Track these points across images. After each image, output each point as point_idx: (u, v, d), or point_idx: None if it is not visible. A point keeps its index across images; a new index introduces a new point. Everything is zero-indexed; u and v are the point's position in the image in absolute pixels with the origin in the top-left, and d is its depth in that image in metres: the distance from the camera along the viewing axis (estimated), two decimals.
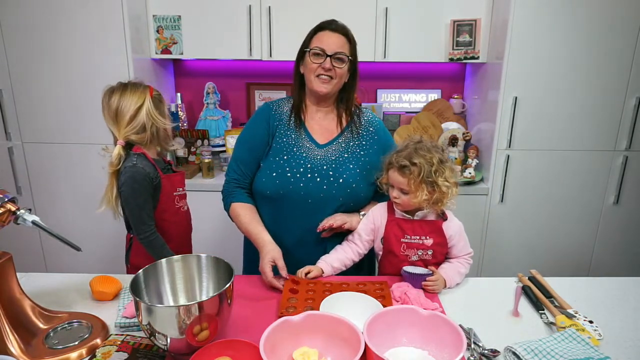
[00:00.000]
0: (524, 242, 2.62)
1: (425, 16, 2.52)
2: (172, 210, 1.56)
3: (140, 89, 1.51)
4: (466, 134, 2.71)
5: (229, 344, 1.03)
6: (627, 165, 2.50)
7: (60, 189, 2.57)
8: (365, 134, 1.57)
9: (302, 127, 1.54)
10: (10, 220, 1.11)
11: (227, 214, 1.58)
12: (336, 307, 1.18)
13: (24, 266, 1.38)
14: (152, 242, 1.49)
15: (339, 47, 1.44)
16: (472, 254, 1.48)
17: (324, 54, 1.43)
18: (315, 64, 1.44)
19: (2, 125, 2.47)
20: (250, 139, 1.57)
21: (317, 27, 1.48)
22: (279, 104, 1.60)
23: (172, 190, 1.56)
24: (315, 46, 1.44)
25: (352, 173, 1.50)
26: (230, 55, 2.60)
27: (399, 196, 1.41)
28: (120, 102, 1.49)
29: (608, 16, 2.29)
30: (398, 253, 1.44)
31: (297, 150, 1.51)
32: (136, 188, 1.46)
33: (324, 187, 1.48)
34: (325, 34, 1.46)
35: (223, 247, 2.56)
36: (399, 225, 1.44)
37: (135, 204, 1.47)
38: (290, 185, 1.48)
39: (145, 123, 1.50)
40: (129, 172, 1.46)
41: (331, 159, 1.51)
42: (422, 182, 1.36)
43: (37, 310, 1.16)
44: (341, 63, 1.45)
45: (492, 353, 1.08)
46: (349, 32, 1.49)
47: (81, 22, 2.33)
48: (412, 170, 1.36)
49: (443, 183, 1.36)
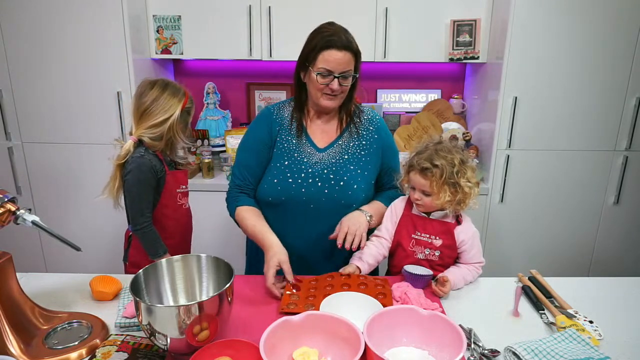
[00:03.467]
0: (524, 242, 2.62)
1: (425, 16, 2.52)
2: (173, 207, 1.57)
3: (177, 98, 1.50)
4: (466, 134, 2.71)
5: (229, 344, 1.03)
6: (627, 165, 2.50)
7: (60, 189, 2.57)
8: (365, 133, 1.56)
9: (303, 132, 1.53)
10: (10, 220, 1.11)
11: (233, 219, 1.55)
12: (336, 307, 1.18)
13: (24, 266, 1.38)
14: (146, 235, 1.50)
15: (345, 66, 1.40)
16: (483, 264, 1.47)
17: (332, 75, 1.40)
18: (322, 84, 1.42)
19: (2, 125, 2.48)
20: (253, 143, 1.54)
21: (323, 44, 1.39)
22: (279, 107, 1.58)
23: (175, 187, 1.57)
24: (322, 67, 1.40)
25: (352, 175, 1.50)
26: (230, 55, 2.60)
27: (420, 198, 1.41)
28: (152, 104, 1.49)
29: (608, 16, 2.29)
30: (406, 247, 1.45)
31: (298, 155, 1.51)
32: (141, 178, 1.47)
33: (325, 192, 1.47)
34: (332, 54, 1.39)
35: (223, 247, 2.57)
36: (413, 220, 1.45)
37: (136, 194, 1.48)
38: (292, 191, 1.47)
39: (164, 134, 1.50)
40: (136, 162, 1.47)
41: (331, 162, 1.51)
42: (444, 184, 1.36)
43: (37, 310, 1.16)
44: (347, 80, 1.43)
45: (492, 353, 1.08)
46: (354, 45, 1.42)
47: (81, 22, 2.33)
48: (434, 172, 1.36)
49: (465, 184, 1.36)
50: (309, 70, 1.43)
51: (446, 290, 1.33)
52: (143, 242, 1.51)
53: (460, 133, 2.71)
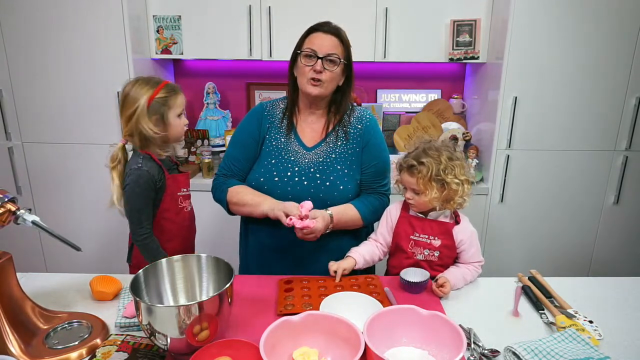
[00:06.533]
0: (524, 242, 2.62)
1: (425, 16, 2.52)
2: (174, 210, 1.56)
3: (146, 88, 1.44)
4: (466, 134, 2.71)
5: (229, 344, 1.03)
6: (627, 165, 2.50)
7: (60, 189, 2.57)
8: (353, 132, 1.55)
9: (292, 131, 1.54)
10: (10, 220, 1.11)
11: (224, 204, 1.54)
12: (336, 307, 1.18)
13: (24, 266, 1.38)
14: (146, 245, 1.48)
15: (330, 48, 1.42)
16: (483, 263, 1.48)
17: (315, 56, 1.41)
18: (306, 66, 1.42)
19: (2, 125, 2.47)
20: (242, 138, 1.57)
21: (309, 29, 1.46)
22: (272, 105, 1.59)
23: (177, 190, 1.55)
24: (307, 47, 1.42)
25: (339, 174, 1.50)
26: (230, 55, 2.60)
27: (412, 197, 1.43)
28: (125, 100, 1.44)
29: (608, 16, 2.29)
30: (406, 249, 1.45)
31: (286, 154, 1.51)
32: (138, 192, 1.44)
33: (311, 190, 1.47)
34: (317, 36, 1.43)
35: (223, 247, 2.55)
36: (410, 222, 1.46)
37: (135, 207, 1.45)
38: (277, 190, 1.47)
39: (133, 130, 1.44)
40: (134, 174, 1.44)
41: (318, 161, 1.51)
42: (430, 181, 1.37)
43: (37, 310, 1.16)
44: (333, 65, 1.43)
45: (492, 353, 1.08)
46: (342, 33, 1.46)
47: (81, 22, 2.33)
48: (420, 170, 1.38)
49: (452, 180, 1.37)
50: (297, 58, 1.45)
51: (446, 291, 1.33)
52: (143, 253, 1.50)
53: (460, 133, 2.71)
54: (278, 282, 1.38)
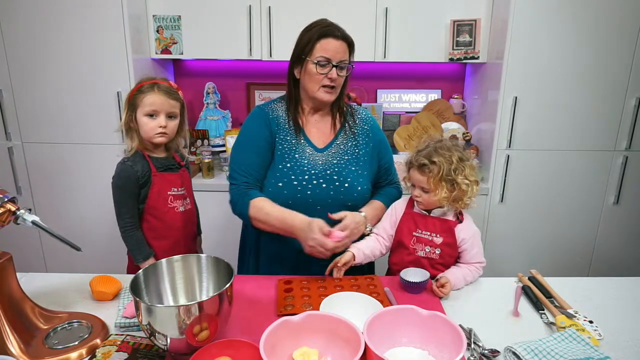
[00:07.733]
0: (524, 242, 2.62)
1: (425, 16, 2.52)
2: (162, 209, 1.54)
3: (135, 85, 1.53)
4: (466, 134, 2.71)
5: (229, 344, 1.03)
6: (627, 165, 2.50)
7: (60, 189, 2.56)
8: (361, 132, 1.56)
9: (300, 132, 1.52)
10: (10, 220, 1.11)
11: (246, 215, 1.45)
12: (336, 307, 1.18)
13: (24, 266, 1.38)
14: (127, 237, 1.53)
15: (343, 55, 1.42)
16: (484, 264, 1.47)
17: (330, 64, 1.41)
18: (321, 74, 1.42)
19: (2, 125, 2.47)
20: (255, 141, 1.50)
21: (319, 34, 1.41)
22: (272, 107, 1.55)
23: (165, 189, 1.55)
24: (321, 55, 1.40)
25: (355, 176, 1.50)
26: (230, 55, 2.60)
27: (420, 195, 1.43)
28: None
29: (608, 16, 2.29)
30: (408, 245, 1.45)
31: (299, 156, 1.49)
32: (119, 185, 1.50)
33: (331, 193, 1.47)
34: (330, 42, 1.41)
35: (223, 247, 2.55)
36: (414, 218, 1.46)
37: (114, 198, 1.52)
38: (298, 194, 1.46)
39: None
40: (118, 168, 1.51)
41: (333, 163, 1.50)
42: (441, 180, 1.38)
43: (37, 310, 1.16)
44: (344, 71, 1.44)
45: (492, 353, 1.08)
46: (349, 37, 1.45)
47: (81, 22, 2.33)
48: (432, 169, 1.38)
49: (462, 181, 1.37)
50: (306, 62, 1.43)
51: (446, 292, 1.33)
52: (125, 243, 1.55)
53: (460, 133, 2.71)
54: (278, 282, 1.39)
